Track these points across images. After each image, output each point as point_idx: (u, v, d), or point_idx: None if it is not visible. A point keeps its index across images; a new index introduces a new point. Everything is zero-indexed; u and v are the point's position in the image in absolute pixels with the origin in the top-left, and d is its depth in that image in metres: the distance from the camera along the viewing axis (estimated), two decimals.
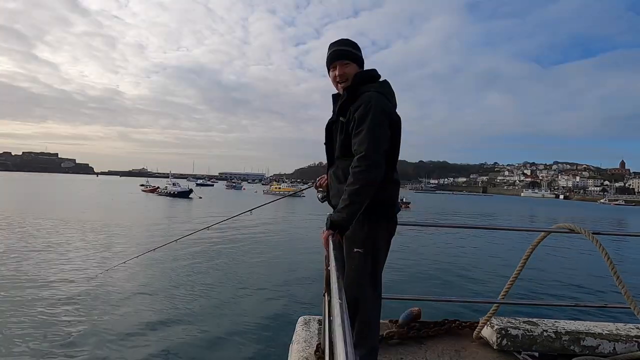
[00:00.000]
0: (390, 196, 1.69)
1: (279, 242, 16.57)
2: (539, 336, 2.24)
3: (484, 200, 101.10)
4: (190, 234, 4.43)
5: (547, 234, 2.33)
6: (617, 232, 6.93)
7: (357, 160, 1.53)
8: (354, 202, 1.50)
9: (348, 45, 1.79)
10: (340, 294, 0.98)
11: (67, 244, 13.89)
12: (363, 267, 1.64)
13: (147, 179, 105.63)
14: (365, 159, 1.52)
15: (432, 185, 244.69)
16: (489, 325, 2.33)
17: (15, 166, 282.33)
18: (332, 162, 1.81)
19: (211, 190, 76.13)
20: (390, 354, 2.16)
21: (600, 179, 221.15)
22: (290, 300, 8.55)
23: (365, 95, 1.64)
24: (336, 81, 1.79)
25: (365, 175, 1.51)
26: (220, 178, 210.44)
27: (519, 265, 2.35)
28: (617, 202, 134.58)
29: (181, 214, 29.11)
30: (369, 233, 1.64)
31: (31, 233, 15.86)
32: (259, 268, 11.63)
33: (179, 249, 13.53)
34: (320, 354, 1.98)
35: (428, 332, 2.39)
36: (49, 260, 11.33)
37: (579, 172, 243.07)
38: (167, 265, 11.34)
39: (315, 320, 2.50)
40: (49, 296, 8.17)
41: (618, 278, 2.08)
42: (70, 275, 9.77)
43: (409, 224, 2.50)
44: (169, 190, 49.43)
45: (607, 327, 2.39)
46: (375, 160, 1.53)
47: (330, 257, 1.37)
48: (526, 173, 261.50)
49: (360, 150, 1.55)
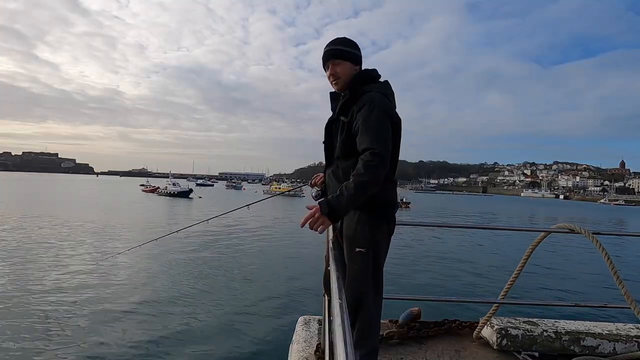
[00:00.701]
0: (390, 196, 1.69)
1: (279, 242, 16.58)
2: (539, 336, 2.24)
3: (484, 200, 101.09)
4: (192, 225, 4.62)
5: (547, 234, 2.33)
6: (617, 232, 6.91)
7: (371, 155, 1.50)
8: (358, 193, 1.47)
9: (340, 44, 1.79)
10: (340, 294, 0.98)
11: (67, 243, 13.89)
12: (365, 268, 1.63)
13: (147, 179, 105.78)
14: (378, 155, 1.50)
15: (432, 185, 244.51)
16: (489, 325, 2.33)
17: (15, 166, 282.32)
18: (330, 161, 1.80)
19: (211, 190, 76.15)
20: (390, 354, 2.16)
21: (600, 179, 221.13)
22: (290, 300, 8.56)
23: (367, 95, 1.64)
24: (330, 80, 1.80)
25: (376, 171, 1.49)
26: (220, 178, 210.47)
27: (519, 265, 2.35)
28: (617, 202, 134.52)
29: (181, 213, 29.13)
30: (370, 233, 1.63)
31: (30, 232, 15.86)
32: (259, 268, 11.63)
33: (179, 248, 13.55)
34: (320, 354, 1.97)
35: (428, 332, 2.39)
36: (49, 256, 11.34)
37: (579, 172, 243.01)
38: (168, 263, 11.35)
39: (315, 320, 2.50)
40: (50, 289, 8.22)
41: (618, 278, 2.08)
42: (70, 269, 9.81)
43: (409, 224, 2.50)
44: (169, 190, 49.50)
45: (607, 327, 2.38)
46: (386, 159, 1.53)
47: (330, 257, 1.37)
48: (526, 173, 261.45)
49: (372, 147, 1.52)
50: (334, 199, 1.47)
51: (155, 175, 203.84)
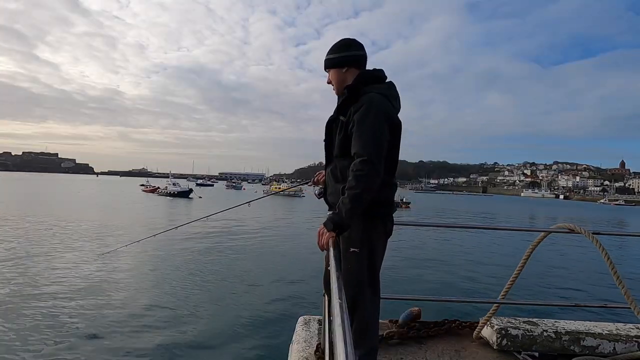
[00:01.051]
0: (386, 197, 1.69)
1: (279, 242, 16.58)
2: (539, 336, 2.24)
3: (484, 200, 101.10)
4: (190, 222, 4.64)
5: (547, 234, 2.33)
6: (617, 232, 6.93)
7: (360, 163, 1.52)
8: (355, 206, 1.52)
9: (328, 53, 1.81)
10: (340, 294, 0.99)
11: (66, 243, 13.89)
12: (359, 267, 1.63)
13: (147, 179, 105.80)
14: (368, 163, 1.51)
15: (432, 185, 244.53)
16: (489, 325, 2.33)
17: (15, 166, 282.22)
18: (330, 159, 1.80)
19: (211, 190, 76.15)
20: (390, 354, 2.16)
21: (600, 179, 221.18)
22: (290, 300, 8.56)
23: (366, 96, 1.63)
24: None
25: (367, 180, 1.51)
26: (220, 178, 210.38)
27: (519, 265, 2.35)
28: (617, 202, 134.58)
29: (181, 213, 29.14)
30: (364, 233, 1.64)
31: (30, 232, 15.86)
32: (259, 268, 11.63)
33: (178, 248, 13.55)
34: (320, 354, 1.97)
35: (428, 332, 2.38)
36: (49, 255, 11.34)
37: (579, 172, 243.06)
38: (168, 263, 11.35)
39: (315, 320, 2.50)
40: (47, 288, 8.21)
41: (618, 278, 2.08)
42: (69, 269, 9.80)
43: (409, 224, 2.52)
44: (169, 190, 49.53)
45: (607, 327, 2.38)
46: (377, 165, 1.53)
47: (330, 257, 1.37)
48: (526, 173, 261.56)
49: (362, 153, 1.54)
50: (335, 216, 1.55)
51: (155, 175, 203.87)
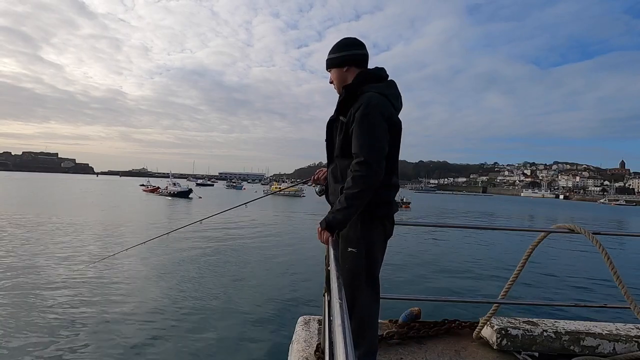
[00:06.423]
0: (386, 197, 1.68)
1: (279, 242, 16.56)
2: (539, 336, 2.24)
3: (484, 201, 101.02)
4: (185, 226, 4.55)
5: (547, 234, 2.33)
6: (617, 232, 6.92)
7: (357, 164, 1.52)
8: (351, 206, 1.52)
9: (332, 52, 1.81)
10: (340, 294, 0.99)
11: (66, 243, 13.88)
12: (357, 267, 1.63)
13: (147, 178, 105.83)
14: (365, 164, 1.51)
15: (432, 185, 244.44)
16: (489, 325, 2.33)
17: (15, 166, 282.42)
18: (331, 159, 1.80)
19: (211, 190, 76.12)
20: (390, 354, 2.15)
21: (600, 179, 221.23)
22: (290, 300, 8.55)
23: (365, 95, 1.61)
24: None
25: (364, 181, 1.51)
26: (220, 178, 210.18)
27: (519, 265, 2.35)
28: (617, 202, 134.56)
29: (181, 213, 29.12)
30: (363, 232, 1.63)
31: (30, 232, 15.84)
32: (259, 268, 11.62)
33: (177, 248, 13.55)
34: (320, 354, 1.97)
35: (428, 332, 2.39)
36: (49, 255, 11.34)
37: (579, 172, 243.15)
38: (167, 263, 11.34)
39: (315, 320, 2.50)
40: (45, 288, 8.22)
41: (618, 278, 2.08)
42: (69, 268, 9.80)
43: (409, 224, 2.51)
44: (169, 190, 49.54)
45: (607, 327, 2.38)
46: (375, 166, 1.53)
47: (330, 257, 1.37)
48: (526, 173, 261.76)
49: (360, 154, 1.53)
50: (330, 215, 1.57)
51: (156, 175, 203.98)
